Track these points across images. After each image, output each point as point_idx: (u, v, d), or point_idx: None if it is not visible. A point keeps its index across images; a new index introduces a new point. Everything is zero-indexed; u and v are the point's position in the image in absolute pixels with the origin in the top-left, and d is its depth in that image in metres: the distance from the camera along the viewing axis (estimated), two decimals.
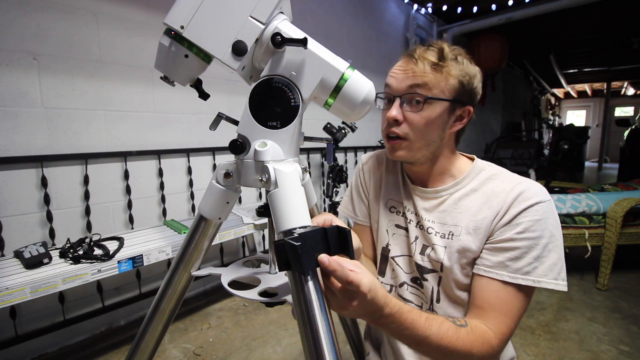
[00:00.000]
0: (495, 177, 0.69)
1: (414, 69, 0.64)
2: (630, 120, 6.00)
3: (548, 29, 4.82)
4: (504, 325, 0.60)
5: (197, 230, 0.65)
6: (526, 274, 0.60)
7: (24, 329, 1.45)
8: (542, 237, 0.61)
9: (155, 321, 0.69)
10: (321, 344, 0.44)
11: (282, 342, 1.66)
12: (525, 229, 0.61)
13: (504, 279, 0.61)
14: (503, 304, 0.61)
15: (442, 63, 0.64)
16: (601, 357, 1.56)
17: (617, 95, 10.85)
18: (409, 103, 0.65)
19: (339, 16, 2.94)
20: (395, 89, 0.66)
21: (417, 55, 0.64)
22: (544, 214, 0.61)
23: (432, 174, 0.73)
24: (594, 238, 2.16)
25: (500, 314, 0.61)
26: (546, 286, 0.60)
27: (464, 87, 0.65)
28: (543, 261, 0.60)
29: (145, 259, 1.41)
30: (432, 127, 0.65)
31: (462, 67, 0.65)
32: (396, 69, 0.68)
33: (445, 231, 0.70)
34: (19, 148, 1.42)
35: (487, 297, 0.62)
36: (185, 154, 1.99)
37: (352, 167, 3.17)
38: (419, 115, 0.64)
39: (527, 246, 0.61)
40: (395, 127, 0.66)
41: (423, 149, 0.67)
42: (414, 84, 0.64)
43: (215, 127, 0.63)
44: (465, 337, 0.56)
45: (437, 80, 0.63)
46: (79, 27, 1.55)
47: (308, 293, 0.46)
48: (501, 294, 0.61)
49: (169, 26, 0.53)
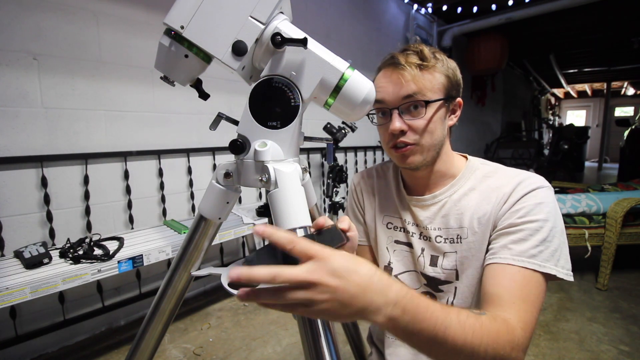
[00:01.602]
0: (491, 175, 0.68)
1: (403, 75, 0.63)
2: (630, 120, 6.00)
3: (548, 29, 4.82)
4: (523, 311, 0.52)
5: (197, 230, 0.65)
6: (531, 257, 0.56)
7: (24, 329, 1.45)
8: (547, 220, 0.59)
9: (155, 321, 0.69)
10: (321, 344, 0.44)
11: (282, 342, 1.66)
12: (527, 213, 0.59)
13: (507, 261, 0.57)
14: (518, 288, 0.55)
15: (426, 63, 0.64)
16: (601, 357, 1.56)
17: (617, 95, 10.84)
18: (408, 111, 0.65)
19: (339, 16, 2.94)
20: (391, 101, 0.65)
21: (402, 62, 0.64)
22: (545, 198, 0.60)
23: (432, 177, 0.72)
24: (594, 238, 2.16)
25: (517, 298, 0.54)
26: (549, 271, 0.56)
27: (451, 81, 0.67)
28: (548, 245, 0.57)
29: (145, 259, 1.40)
30: (436, 126, 0.66)
31: (444, 62, 0.66)
32: (383, 82, 0.66)
33: (453, 235, 0.68)
34: (19, 148, 1.42)
35: (498, 283, 0.56)
36: (185, 154, 1.99)
37: (352, 167, 3.17)
38: (422, 120, 0.64)
39: (532, 229, 0.58)
40: (402, 137, 0.65)
41: (432, 150, 0.67)
42: (409, 93, 0.63)
43: (215, 127, 0.63)
44: (489, 325, 0.47)
45: (428, 81, 0.64)
46: (79, 27, 1.55)
47: None
48: (515, 277, 0.56)
49: (169, 26, 0.53)
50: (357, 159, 3.24)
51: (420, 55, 0.65)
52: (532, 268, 0.56)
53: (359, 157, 3.26)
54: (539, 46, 5.77)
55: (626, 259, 2.49)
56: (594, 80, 9.67)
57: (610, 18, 4.40)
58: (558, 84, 9.10)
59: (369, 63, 3.33)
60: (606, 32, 5.03)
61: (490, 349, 0.46)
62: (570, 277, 0.58)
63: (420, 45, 0.66)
